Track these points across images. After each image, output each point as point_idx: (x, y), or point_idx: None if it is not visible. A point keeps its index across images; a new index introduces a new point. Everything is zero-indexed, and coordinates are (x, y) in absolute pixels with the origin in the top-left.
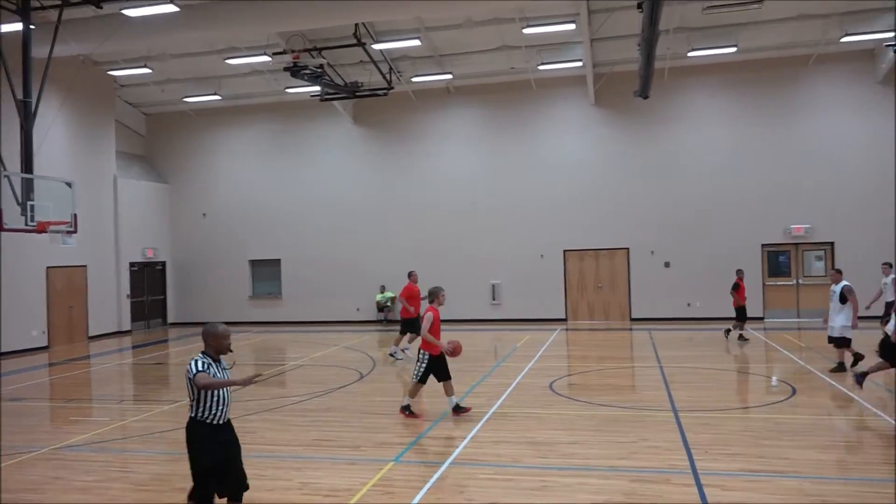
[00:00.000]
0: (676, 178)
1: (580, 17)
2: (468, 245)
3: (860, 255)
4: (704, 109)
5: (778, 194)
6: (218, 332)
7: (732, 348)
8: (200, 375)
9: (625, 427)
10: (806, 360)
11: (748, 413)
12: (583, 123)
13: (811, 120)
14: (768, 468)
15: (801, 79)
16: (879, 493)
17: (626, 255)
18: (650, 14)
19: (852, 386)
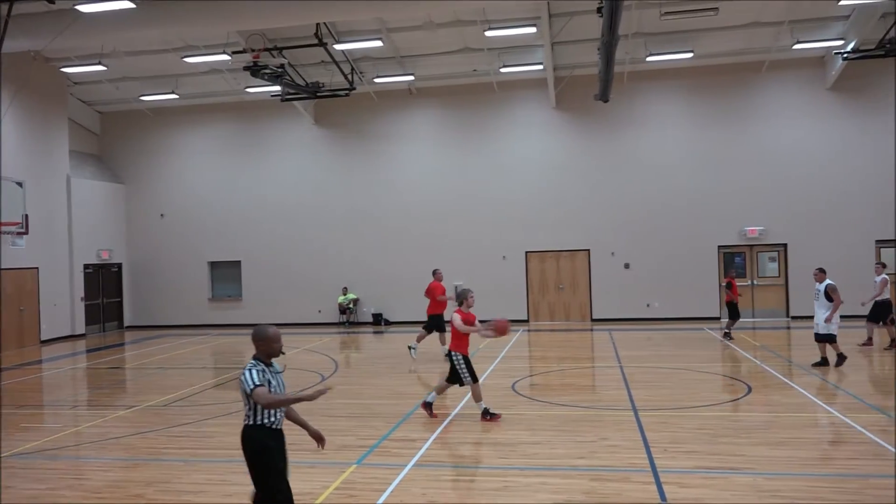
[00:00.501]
0: (636, 180)
1: (541, 20)
2: (430, 246)
3: (812, 256)
4: (663, 113)
5: (733, 197)
6: (269, 336)
7: (693, 347)
8: (260, 392)
9: (585, 427)
10: (761, 359)
11: (705, 411)
12: (544, 126)
13: (765, 124)
14: (724, 465)
15: (755, 84)
16: (831, 488)
17: (586, 257)
18: (609, 19)
19: (811, 384)
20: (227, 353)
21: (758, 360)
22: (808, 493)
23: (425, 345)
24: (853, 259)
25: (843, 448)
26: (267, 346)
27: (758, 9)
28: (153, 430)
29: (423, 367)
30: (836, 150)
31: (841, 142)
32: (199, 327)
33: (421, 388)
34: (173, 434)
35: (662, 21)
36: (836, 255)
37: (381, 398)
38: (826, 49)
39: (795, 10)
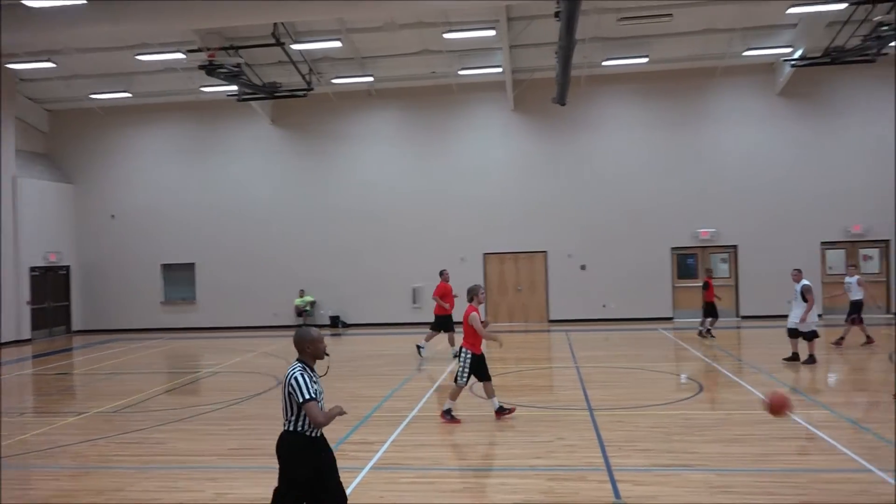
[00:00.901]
0: (592, 182)
1: (500, 23)
2: (388, 248)
3: (761, 257)
4: (619, 117)
5: (686, 199)
6: (314, 337)
7: (648, 347)
8: (314, 409)
9: (543, 427)
10: (712, 359)
11: (659, 410)
12: (502, 128)
13: (718, 128)
14: (677, 462)
15: (709, 89)
16: (780, 483)
17: (544, 258)
18: (567, 23)
19: (759, 382)
20: (180, 358)
21: (709, 359)
22: (758, 488)
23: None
24: (800, 260)
25: (791, 444)
26: (314, 348)
27: (711, 16)
28: (103, 438)
29: (381, 369)
30: (786, 154)
31: (790, 146)
32: (151, 331)
33: (380, 390)
34: (124, 441)
35: (619, 26)
36: (784, 257)
37: (340, 401)
38: (776, 56)
39: (747, 17)
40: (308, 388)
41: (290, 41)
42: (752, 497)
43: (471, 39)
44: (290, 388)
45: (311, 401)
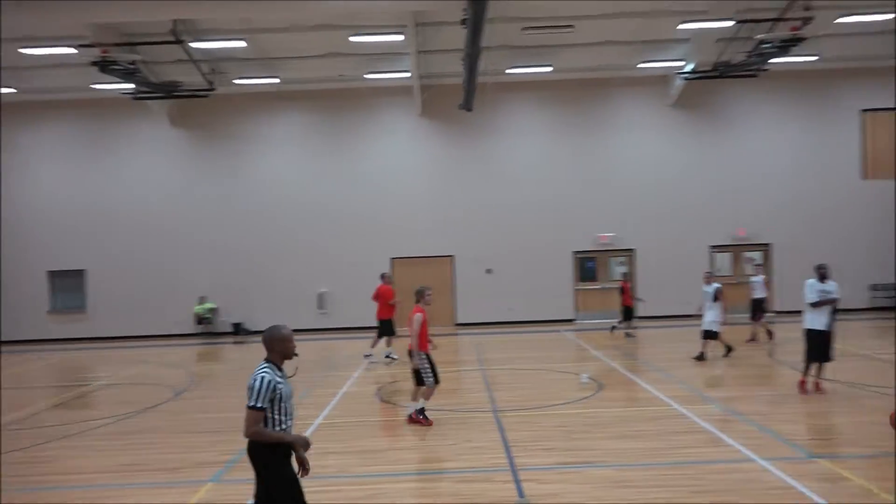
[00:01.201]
0: (498, 188)
1: (408, 28)
2: (294, 253)
3: (656, 260)
4: (524, 123)
5: (587, 204)
6: (285, 335)
7: (551, 349)
8: (255, 417)
9: (450, 430)
10: (611, 358)
11: (562, 409)
12: (410, 133)
13: (616, 137)
14: (579, 460)
15: (609, 99)
16: (675, 475)
17: (451, 263)
18: (473, 30)
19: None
20: (69, 370)
21: (608, 358)
22: (654, 480)
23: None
24: (691, 263)
25: (684, 438)
26: (284, 347)
27: (610, 28)
28: None
29: None
30: (678, 162)
31: (682, 154)
32: (37, 342)
33: None
34: (9, 461)
35: (523, 35)
36: (677, 260)
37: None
38: (669, 69)
39: (643, 31)
40: (262, 396)
41: (191, 39)
42: (648, 490)
43: (379, 43)
44: (248, 387)
45: (257, 410)
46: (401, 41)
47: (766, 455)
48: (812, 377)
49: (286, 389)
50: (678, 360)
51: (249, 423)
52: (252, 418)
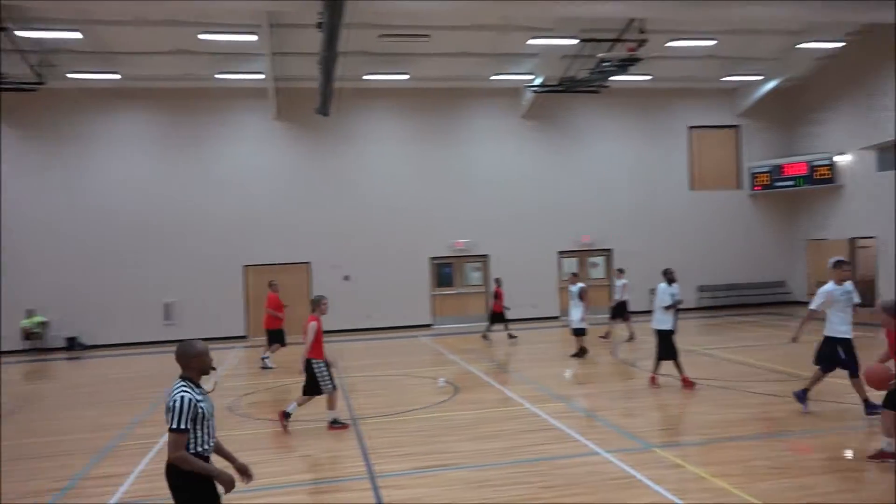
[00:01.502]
0: (356, 194)
1: (262, 29)
2: (137, 261)
3: (509, 265)
4: (381, 130)
5: (443, 211)
6: (199, 351)
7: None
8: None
9: (307, 440)
10: (468, 362)
11: (420, 414)
12: (265, 137)
13: (471, 146)
14: (437, 463)
15: (464, 109)
16: (527, 472)
17: (307, 270)
18: (329, 35)
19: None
20: None
21: (465, 362)
22: (508, 479)
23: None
24: (541, 268)
25: (535, 436)
26: (200, 363)
27: (465, 40)
28: None
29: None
30: (528, 171)
31: (533, 164)
32: None
33: (120, 417)
34: None
35: (380, 42)
36: (528, 264)
37: (78, 432)
38: (520, 82)
39: (496, 44)
40: (184, 417)
41: (17, 27)
42: (503, 489)
43: (230, 43)
44: (167, 408)
45: (181, 433)
46: (254, 41)
47: (610, 447)
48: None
49: (207, 407)
50: (531, 361)
51: (173, 446)
52: (176, 441)
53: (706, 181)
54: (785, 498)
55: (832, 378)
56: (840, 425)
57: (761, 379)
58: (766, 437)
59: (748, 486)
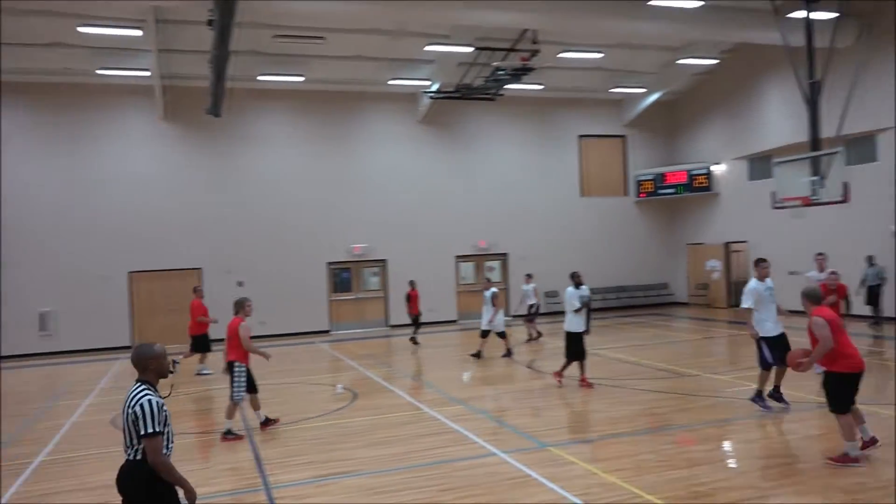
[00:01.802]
0: (250, 197)
1: (147, 24)
2: (10, 267)
3: (407, 270)
4: (276, 133)
5: (341, 215)
6: (157, 353)
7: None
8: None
9: (199, 453)
10: (366, 367)
11: (317, 422)
12: (152, 137)
13: (368, 150)
14: (336, 471)
15: (360, 112)
16: (424, 476)
17: (198, 275)
18: (220, 33)
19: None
20: None
21: (363, 367)
22: (406, 484)
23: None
24: (439, 273)
25: (434, 439)
26: (159, 365)
27: (360, 43)
28: None
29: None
30: (426, 176)
31: (429, 169)
32: None
33: None
34: None
35: (274, 42)
36: (426, 269)
37: None
38: (417, 87)
39: (392, 49)
40: (155, 419)
41: None
42: (402, 494)
43: (113, 37)
44: (133, 413)
45: (157, 436)
46: (139, 37)
47: (506, 448)
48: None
49: (167, 411)
50: (429, 365)
51: (154, 451)
52: (155, 446)
53: (595, 188)
54: (670, 489)
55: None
56: (717, 418)
57: (648, 377)
58: (653, 432)
59: (636, 480)
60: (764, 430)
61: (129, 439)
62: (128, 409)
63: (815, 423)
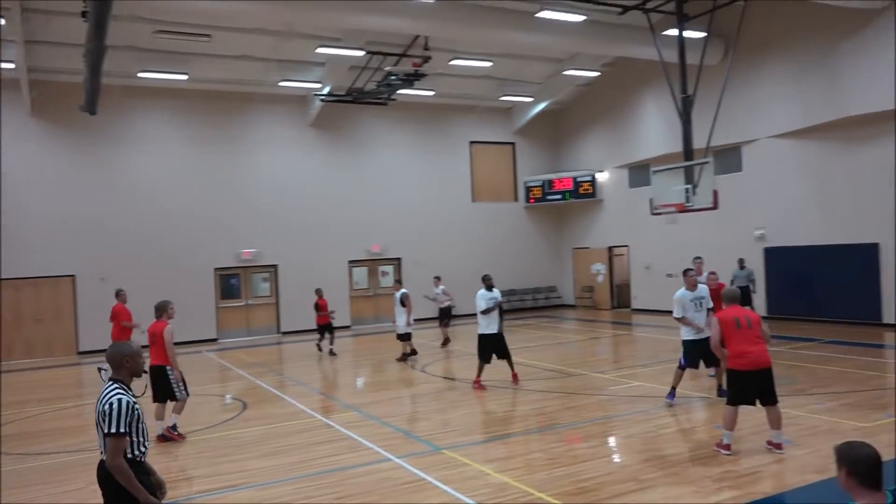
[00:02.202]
0: (129, 200)
1: (11, 13)
2: None
3: (299, 275)
4: (158, 133)
5: (229, 220)
6: (133, 351)
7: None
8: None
9: (76, 473)
10: (256, 376)
11: (204, 434)
12: (20, 135)
13: (257, 152)
14: (223, 484)
15: (249, 114)
16: (315, 486)
17: (71, 283)
18: (95, 26)
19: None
20: None
21: (253, 376)
22: (298, 495)
23: None
24: (332, 277)
25: (325, 447)
26: (134, 363)
27: (248, 43)
28: None
29: None
30: (317, 180)
31: (321, 173)
32: None
33: None
34: None
35: (156, 38)
36: (318, 274)
37: None
38: (308, 90)
39: (281, 50)
40: (124, 420)
41: None
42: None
43: None
44: (102, 411)
45: (121, 436)
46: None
47: (400, 453)
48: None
49: (139, 409)
50: (322, 372)
51: (114, 452)
52: (116, 446)
53: (486, 193)
54: (558, 486)
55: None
56: (601, 415)
57: (537, 377)
58: (542, 431)
59: (527, 478)
60: (643, 426)
61: (100, 438)
62: (99, 406)
63: (688, 418)
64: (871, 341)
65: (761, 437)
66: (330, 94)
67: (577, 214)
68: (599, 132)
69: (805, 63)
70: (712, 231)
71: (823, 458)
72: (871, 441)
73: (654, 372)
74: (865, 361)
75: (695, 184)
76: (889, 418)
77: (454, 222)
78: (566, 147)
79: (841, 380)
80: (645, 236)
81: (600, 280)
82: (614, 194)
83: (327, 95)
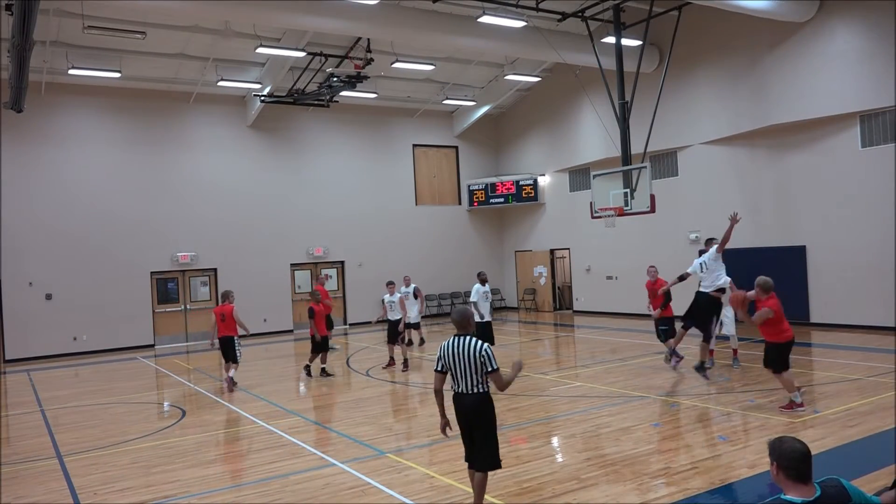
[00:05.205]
0: (58, 203)
1: None
2: None
3: (239, 278)
4: (90, 132)
5: (165, 222)
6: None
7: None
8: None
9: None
10: (194, 382)
11: (138, 444)
12: None
13: (194, 153)
14: (159, 495)
15: (185, 114)
16: (255, 493)
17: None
18: (21, 20)
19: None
20: None
21: (192, 382)
22: (244, 500)
23: None
24: (273, 280)
25: (266, 453)
26: (474, 325)
27: (184, 41)
28: None
29: None
30: (258, 181)
31: (261, 175)
32: None
33: None
34: None
35: (87, 35)
36: (259, 277)
37: None
38: (247, 90)
39: (219, 49)
40: (495, 360)
41: None
42: None
43: None
44: (486, 358)
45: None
46: None
47: (344, 458)
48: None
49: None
50: (264, 377)
51: (504, 381)
52: (505, 377)
53: (429, 196)
54: (502, 486)
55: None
56: (543, 416)
57: None
58: None
59: None
60: (584, 425)
61: (476, 377)
62: (470, 353)
63: (625, 416)
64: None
65: (700, 432)
66: (270, 95)
67: (520, 217)
68: (540, 136)
69: (734, 72)
70: (649, 234)
71: (755, 454)
72: (800, 435)
73: (595, 372)
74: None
75: (633, 188)
76: (818, 413)
77: (397, 225)
78: (508, 151)
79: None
80: (585, 239)
81: (542, 282)
82: (555, 197)
83: (267, 96)
